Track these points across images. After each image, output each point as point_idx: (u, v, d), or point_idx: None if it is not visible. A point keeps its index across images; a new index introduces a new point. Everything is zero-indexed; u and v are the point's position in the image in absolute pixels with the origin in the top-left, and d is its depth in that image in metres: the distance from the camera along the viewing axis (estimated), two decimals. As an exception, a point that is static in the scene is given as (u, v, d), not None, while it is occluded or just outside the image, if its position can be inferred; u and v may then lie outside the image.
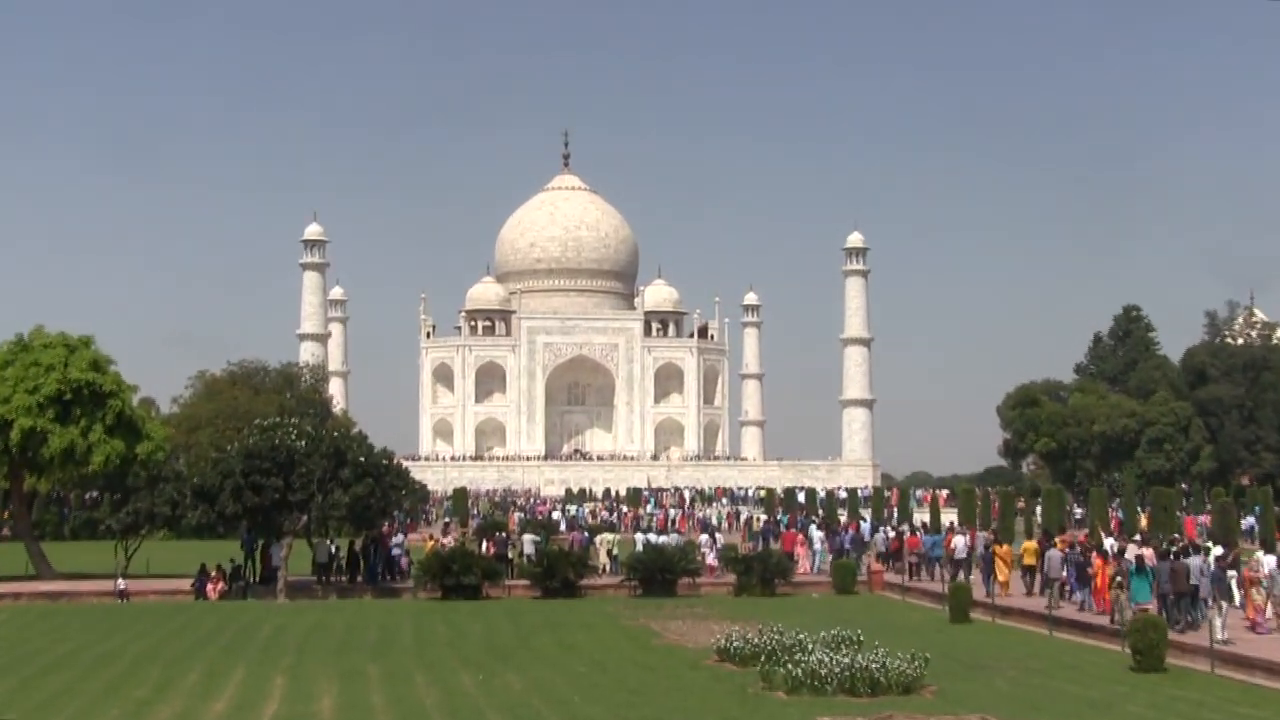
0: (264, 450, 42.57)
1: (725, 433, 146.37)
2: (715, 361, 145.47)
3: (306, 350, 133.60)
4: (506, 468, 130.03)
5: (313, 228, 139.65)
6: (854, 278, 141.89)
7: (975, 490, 76.71)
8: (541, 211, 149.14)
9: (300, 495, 42.49)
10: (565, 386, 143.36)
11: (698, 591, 43.14)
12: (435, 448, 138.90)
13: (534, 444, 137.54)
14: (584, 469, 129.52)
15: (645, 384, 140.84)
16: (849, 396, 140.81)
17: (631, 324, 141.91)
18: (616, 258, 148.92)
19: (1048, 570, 35.84)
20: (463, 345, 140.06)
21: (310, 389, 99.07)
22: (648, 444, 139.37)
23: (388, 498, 44.45)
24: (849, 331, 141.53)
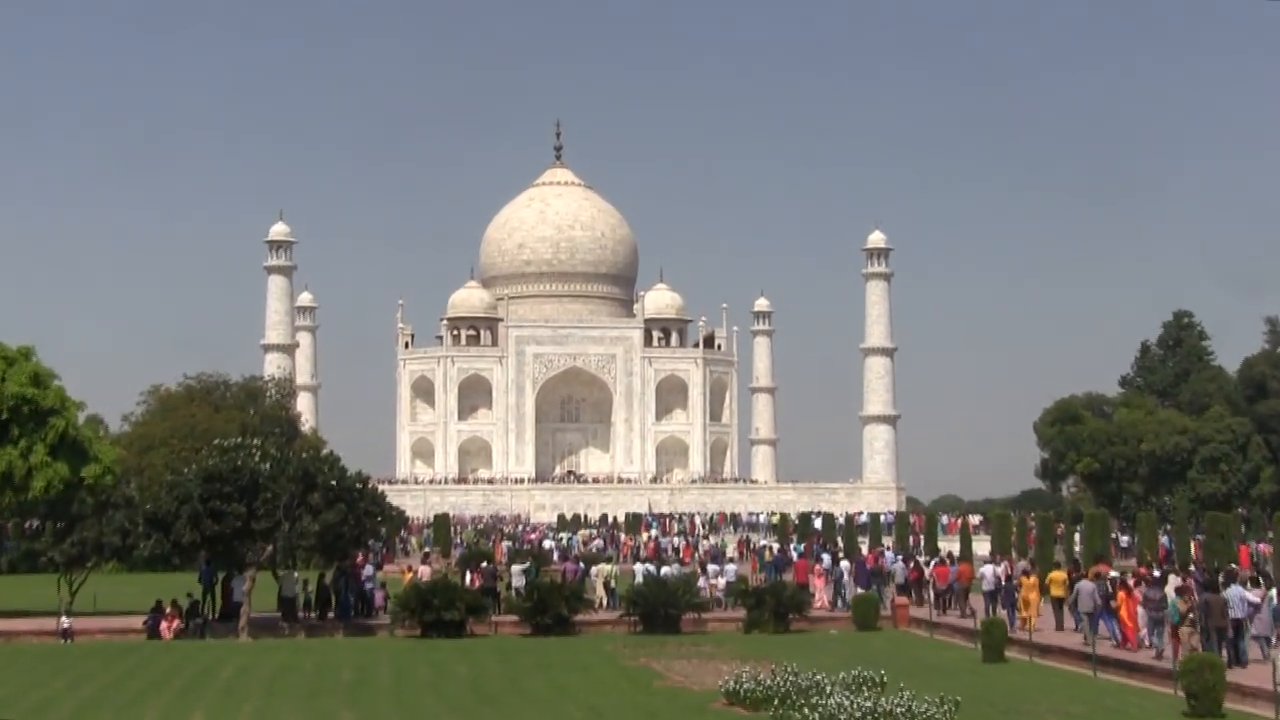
0: (225, 473, 42.48)
1: (734, 452, 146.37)
2: (723, 374, 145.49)
3: (272, 362, 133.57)
4: (493, 492, 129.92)
5: (278, 227, 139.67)
6: (875, 281, 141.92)
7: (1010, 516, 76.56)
8: (531, 209, 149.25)
9: (265, 523, 42.40)
10: (557, 402, 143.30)
11: (704, 628, 43.04)
12: (414, 470, 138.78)
13: (523, 465, 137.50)
14: (578, 493, 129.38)
15: (646, 399, 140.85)
16: (870, 412, 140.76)
17: (630, 333, 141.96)
18: (614, 260, 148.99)
19: (1078, 603, 35.77)
20: (444, 356, 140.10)
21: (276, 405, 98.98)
22: (648, 465, 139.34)
23: (362, 525, 44.35)
24: (870, 341, 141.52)
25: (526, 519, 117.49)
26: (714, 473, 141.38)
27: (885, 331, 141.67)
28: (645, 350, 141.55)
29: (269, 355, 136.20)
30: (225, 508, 42.01)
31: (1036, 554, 61.68)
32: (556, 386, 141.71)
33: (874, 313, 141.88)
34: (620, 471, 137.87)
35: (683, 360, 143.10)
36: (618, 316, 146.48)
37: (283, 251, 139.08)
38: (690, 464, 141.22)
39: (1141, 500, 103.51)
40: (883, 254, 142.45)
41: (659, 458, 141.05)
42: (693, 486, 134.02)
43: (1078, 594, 35.74)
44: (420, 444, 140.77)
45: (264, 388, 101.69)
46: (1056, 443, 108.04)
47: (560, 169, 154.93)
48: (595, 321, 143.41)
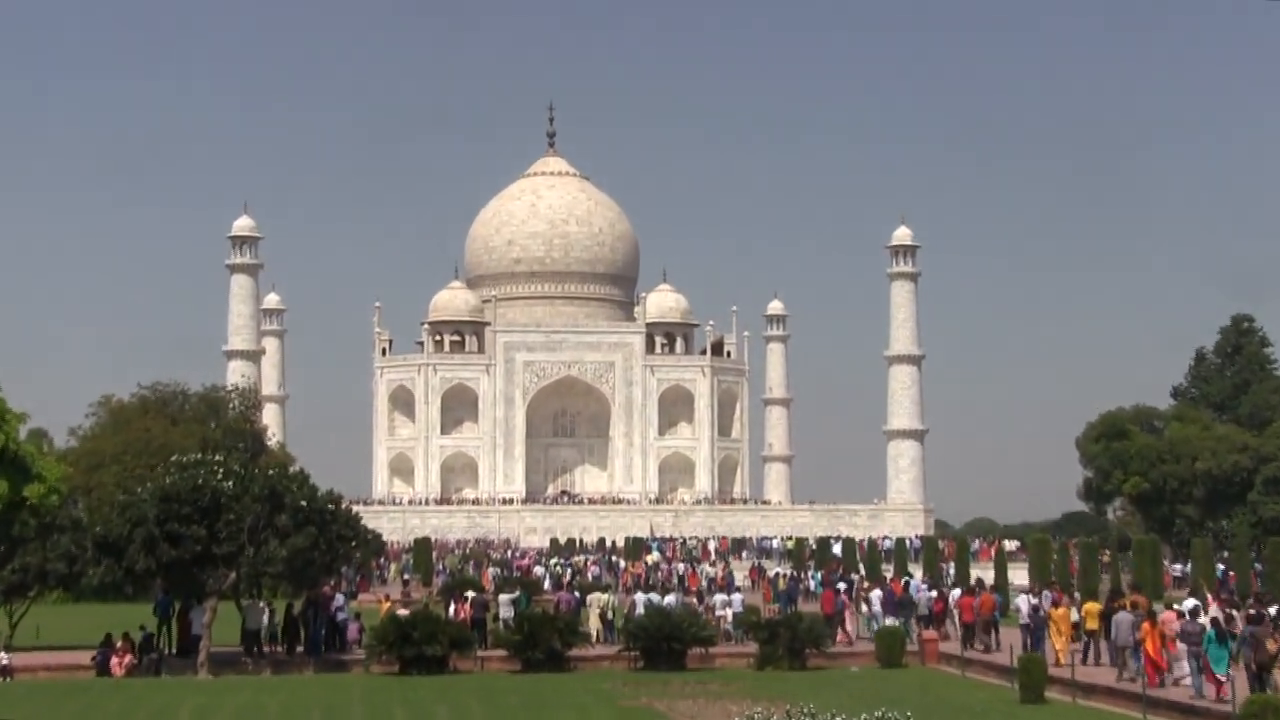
0: (183, 492, 42.44)
1: (744, 471, 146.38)
2: (732, 384, 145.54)
3: (235, 370, 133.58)
4: (479, 513, 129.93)
5: (242, 221, 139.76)
6: (901, 282, 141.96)
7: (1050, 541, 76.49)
8: (521, 202, 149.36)
9: (227, 547, 42.35)
10: (550, 415, 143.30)
11: (711, 664, 42.96)
12: (392, 489, 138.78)
13: (512, 484, 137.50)
14: (573, 515, 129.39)
15: (647, 411, 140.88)
16: (895, 426, 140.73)
17: (631, 338, 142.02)
18: (612, 258, 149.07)
19: (1115, 636, 35.63)
20: (425, 364, 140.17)
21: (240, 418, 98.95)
22: (650, 484, 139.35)
23: (334, 550, 44.30)
24: (895, 347, 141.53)
25: (516, 544, 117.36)
26: (723, 493, 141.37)
27: (912, 337, 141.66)
28: (647, 358, 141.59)
29: (232, 363, 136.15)
30: (183, 531, 41.95)
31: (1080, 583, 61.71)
32: (549, 398, 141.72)
33: (899, 316, 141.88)
34: (619, 491, 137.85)
35: (688, 369, 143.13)
36: (617, 320, 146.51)
37: (247, 248, 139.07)
38: (696, 483, 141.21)
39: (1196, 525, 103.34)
40: (909, 251, 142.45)
41: (662, 476, 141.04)
42: (699, 508, 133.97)
43: (1115, 627, 35.64)
44: (399, 461, 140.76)
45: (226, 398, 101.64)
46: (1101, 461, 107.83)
47: (553, 157, 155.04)
48: (592, 326, 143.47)
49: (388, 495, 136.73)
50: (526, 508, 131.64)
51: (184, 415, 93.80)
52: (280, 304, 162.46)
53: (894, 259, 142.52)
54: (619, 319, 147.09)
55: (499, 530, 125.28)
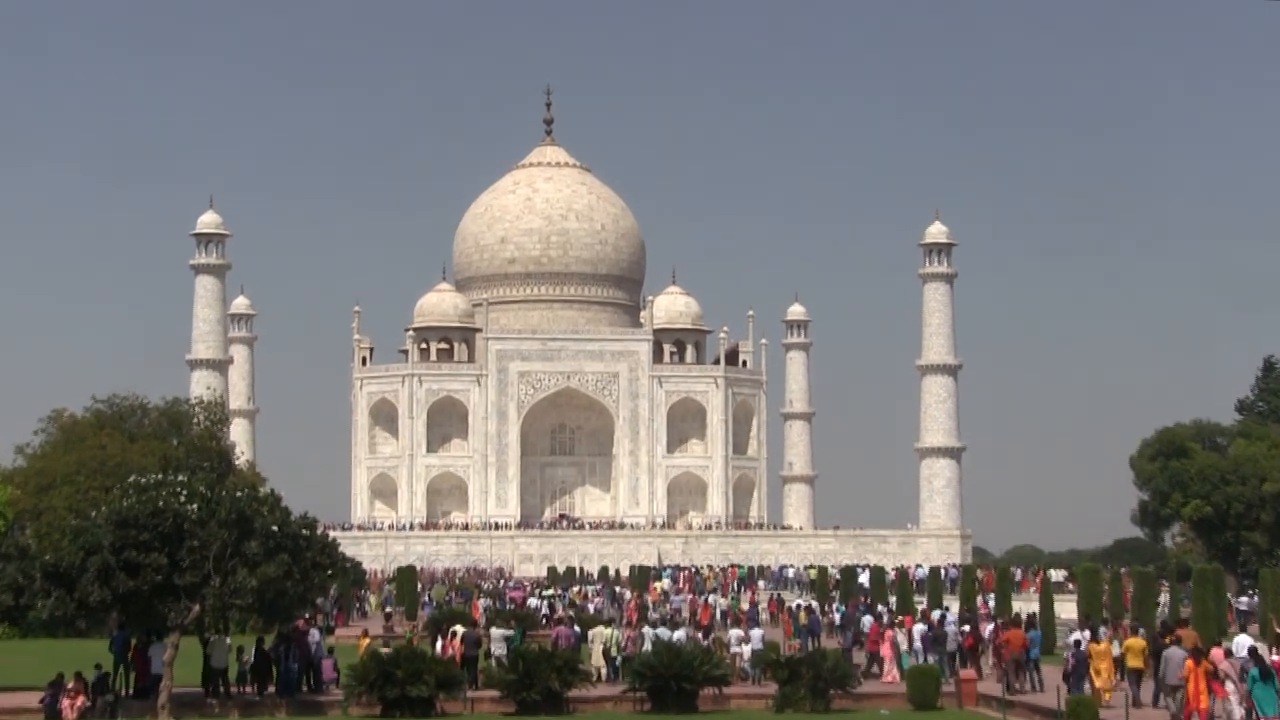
0: (142, 517, 42.38)
1: (762, 492, 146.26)
2: (749, 396, 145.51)
3: (200, 381, 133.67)
4: (469, 540, 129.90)
5: (207, 217, 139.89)
6: (935, 283, 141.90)
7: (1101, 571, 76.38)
8: (515, 196, 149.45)
9: (191, 578, 42.28)
10: (548, 430, 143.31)
11: (726, 705, 42.91)
12: (373, 513, 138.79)
13: (505, 508, 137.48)
14: (573, 541, 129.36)
15: (655, 427, 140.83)
16: (929, 443, 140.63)
17: (636, 346, 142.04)
18: (616, 257, 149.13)
19: (1164, 674, 35.52)
20: (410, 375, 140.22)
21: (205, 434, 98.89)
22: (658, 508, 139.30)
23: (309, 580, 44.22)
24: (929, 356, 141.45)
25: (510, 573, 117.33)
26: (737, 517, 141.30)
27: (947, 344, 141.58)
28: (654, 368, 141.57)
29: (196, 373, 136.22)
30: (142, 559, 41.88)
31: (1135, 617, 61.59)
32: (546, 412, 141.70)
33: (933, 322, 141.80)
34: (624, 515, 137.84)
35: (700, 379, 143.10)
36: (621, 327, 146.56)
37: (213, 247, 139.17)
38: (709, 506, 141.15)
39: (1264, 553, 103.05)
40: (944, 250, 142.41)
41: (671, 499, 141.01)
42: (712, 534, 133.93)
43: (1165, 663, 35.53)
44: (380, 481, 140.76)
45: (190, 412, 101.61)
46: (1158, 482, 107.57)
47: (550, 146, 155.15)
48: (593, 333, 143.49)
49: (368, 519, 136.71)
50: (521, 533, 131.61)
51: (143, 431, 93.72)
52: (250, 308, 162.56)
53: (927, 258, 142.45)
54: (623, 325, 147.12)
55: (491, 558, 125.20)
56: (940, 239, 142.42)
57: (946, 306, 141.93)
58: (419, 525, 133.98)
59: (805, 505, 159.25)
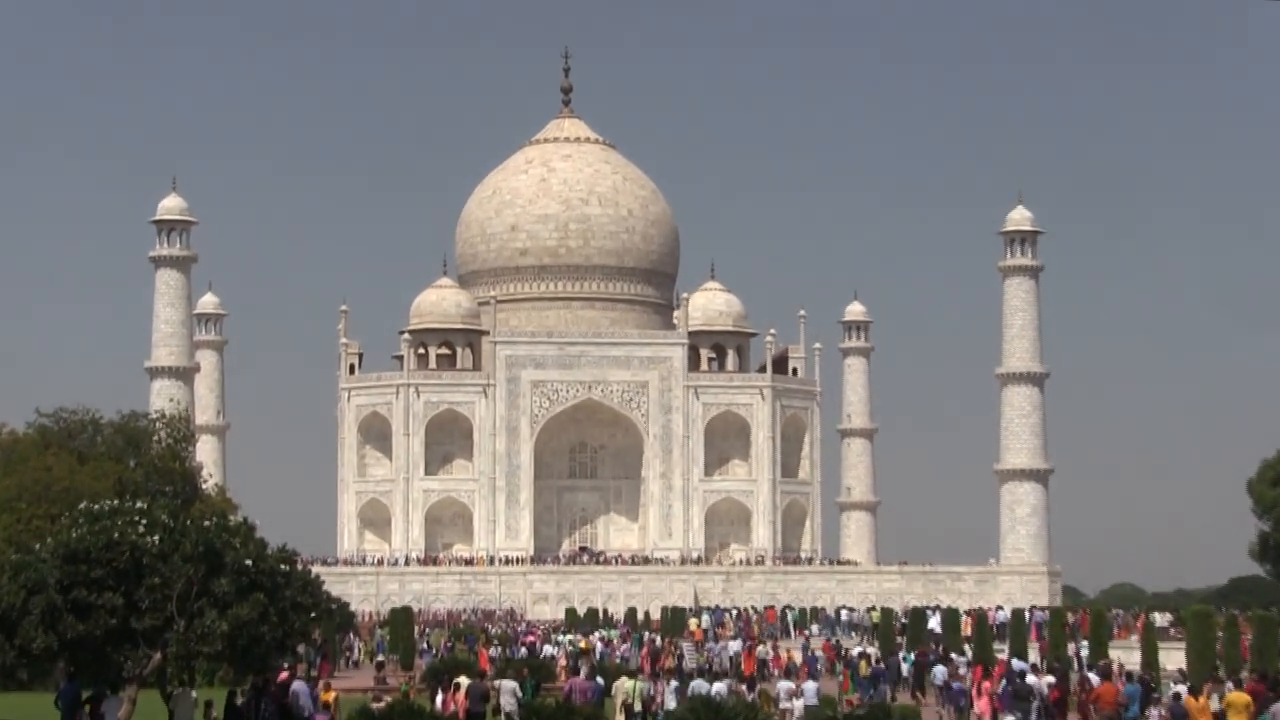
0: (94, 550, 42.34)
1: (816, 521, 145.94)
2: (800, 410, 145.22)
3: (161, 392, 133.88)
4: (474, 577, 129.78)
5: (170, 201, 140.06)
6: (1017, 278, 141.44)
7: (1214, 614, 75.97)
8: (528, 176, 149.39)
9: (151, 621, 42.24)
10: (566, 449, 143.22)
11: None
12: (363, 545, 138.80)
13: (517, 540, 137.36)
14: (595, 578, 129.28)
15: (691, 445, 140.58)
16: (1010, 465, 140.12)
17: (669, 351, 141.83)
18: (645, 248, 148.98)
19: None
20: (405, 384, 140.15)
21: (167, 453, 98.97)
22: (694, 540, 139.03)
23: (288, 623, 44.15)
24: (1010, 363, 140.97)
25: (522, 616, 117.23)
26: (787, 550, 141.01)
27: (1031, 350, 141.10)
28: (690, 376, 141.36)
29: (157, 383, 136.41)
30: (94, 599, 41.84)
31: (1254, 668, 61.07)
32: (564, 428, 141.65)
33: (1015, 323, 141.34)
34: (654, 549, 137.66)
35: (743, 390, 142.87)
36: (651, 328, 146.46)
37: (177, 236, 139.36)
38: (754, 537, 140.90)
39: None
40: (1028, 239, 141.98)
41: (709, 529, 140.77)
42: (757, 570, 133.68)
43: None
44: (371, 509, 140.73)
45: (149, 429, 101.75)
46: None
47: (569, 119, 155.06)
48: (619, 335, 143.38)
49: (357, 553, 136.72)
50: (535, 569, 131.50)
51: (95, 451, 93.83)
52: (219, 307, 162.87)
53: (1008, 248, 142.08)
54: (654, 326, 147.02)
55: (500, 598, 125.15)
56: (1024, 226, 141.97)
57: (1031, 305, 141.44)
58: (416, 560, 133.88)
59: (866, 537, 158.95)
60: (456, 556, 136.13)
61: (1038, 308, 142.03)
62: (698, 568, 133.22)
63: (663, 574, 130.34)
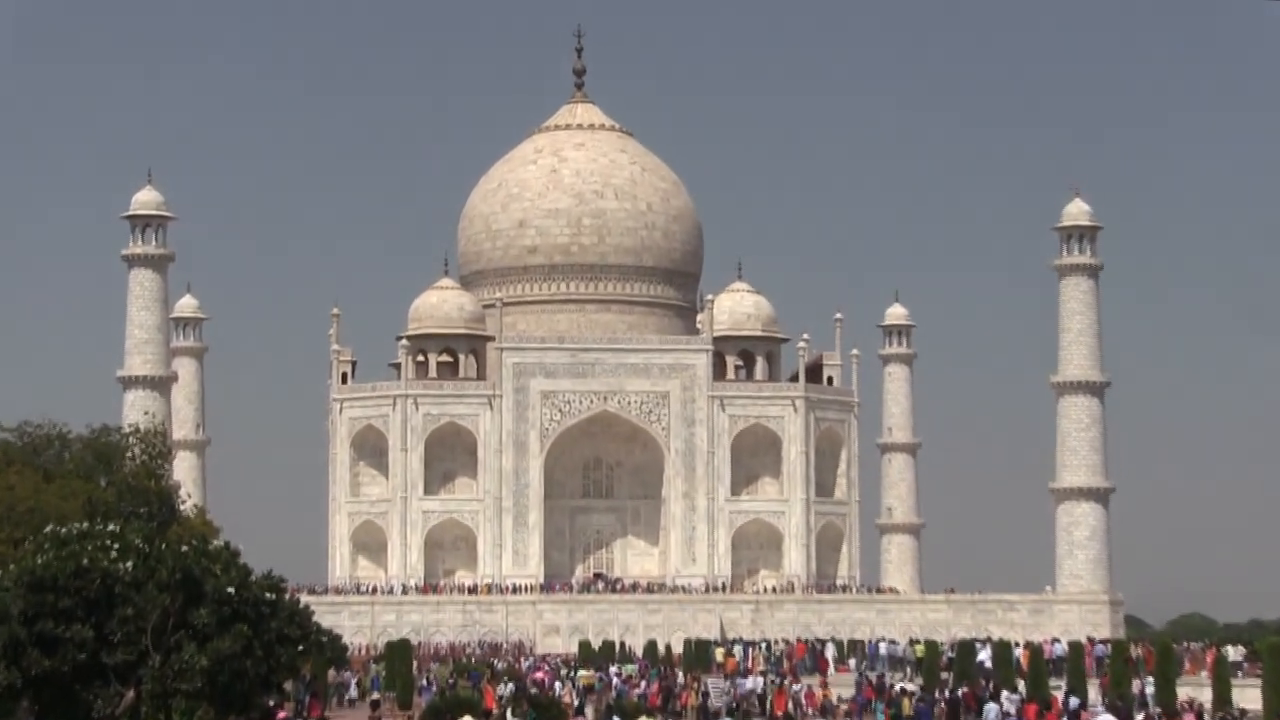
0: (61, 578, 42.37)
1: (854, 545, 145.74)
2: (836, 423, 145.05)
3: (135, 404, 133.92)
4: (479, 606, 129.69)
5: (145, 195, 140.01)
6: (1075, 278, 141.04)
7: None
8: (537, 167, 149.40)
9: (123, 655, 42.26)
10: (579, 466, 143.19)
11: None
12: (356, 572, 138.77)
13: (525, 566, 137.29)
14: (611, 608, 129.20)
15: (716, 462, 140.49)
16: (1068, 483, 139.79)
17: (692, 359, 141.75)
18: (666, 245, 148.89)
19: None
20: (403, 395, 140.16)
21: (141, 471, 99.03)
22: (719, 565, 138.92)
23: (274, 658, 44.18)
24: (1067, 370, 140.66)
25: (531, 649, 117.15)
26: (822, 577, 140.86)
27: (1090, 356, 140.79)
28: (715, 386, 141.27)
29: (130, 393, 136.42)
30: (61, 631, 41.87)
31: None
32: (577, 442, 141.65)
33: (1072, 327, 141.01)
34: (676, 576, 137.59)
35: (774, 401, 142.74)
36: (672, 333, 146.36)
37: (152, 233, 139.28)
38: (785, 563, 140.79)
39: None
40: (1086, 235, 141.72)
41: (736, 554, 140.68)
42: (789, 599, 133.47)
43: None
44: (365, 532, 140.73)
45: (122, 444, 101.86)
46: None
47: (582, 104, 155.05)
48: (637, 341, 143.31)
49: (349, 581, 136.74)
50: (545, 598, 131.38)
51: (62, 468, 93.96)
52: (198, 310, 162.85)
53: (1064, 245, 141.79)
54: (675, 331, 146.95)
55: (506, 630, 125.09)
56: (1081, 221, 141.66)
57: (1090, 307, 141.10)
58: (414, 588, 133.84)
59: (909, 562, 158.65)
60: (459, 584, 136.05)
61: (1097, 310, 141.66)
62: (724, 596, 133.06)
63: (685, 603, 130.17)
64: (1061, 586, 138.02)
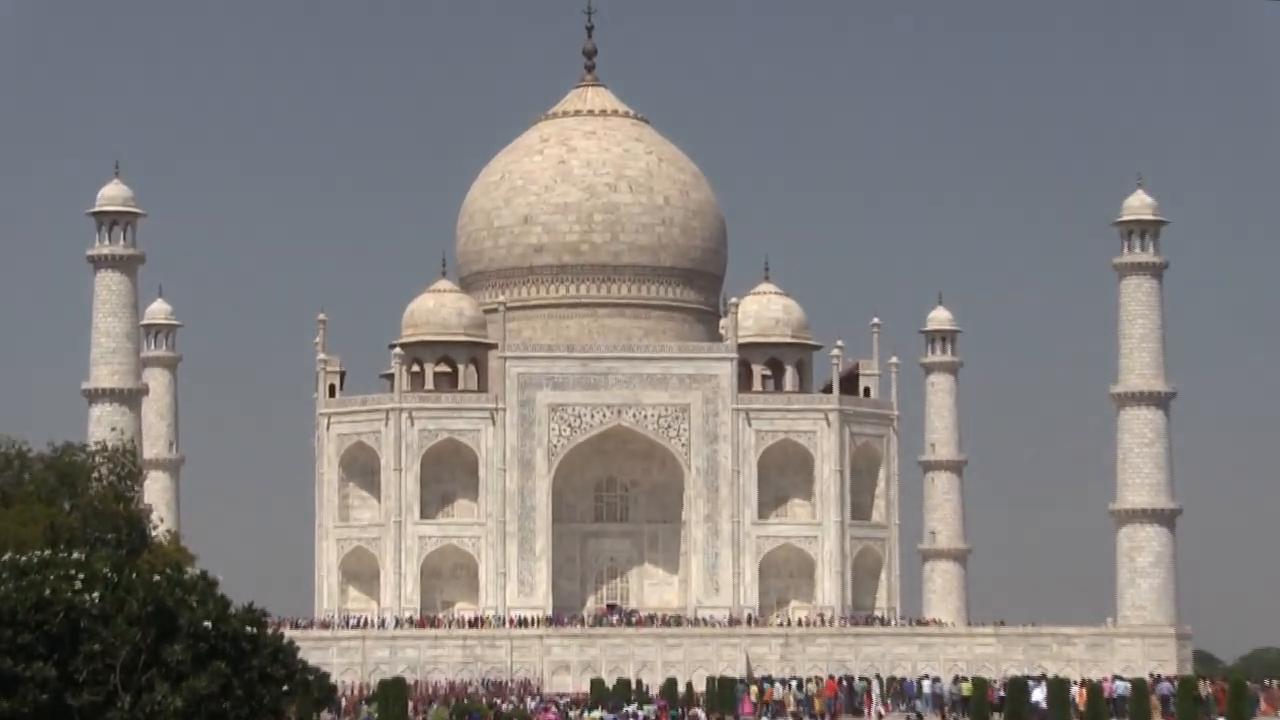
0: (21, 611, 42.44)
1: (893, 573, 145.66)
2: (874, 439, 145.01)
3: (101, 419, 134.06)
4: (481, 641, 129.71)
5: (112, 189, 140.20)
6: (1136, 279, 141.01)
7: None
8: (544, 158, 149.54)
9: (90, 695, 42.29)
10: (591, 487, 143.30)
11: None
12: (346, 604, 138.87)
13: (531, 596, 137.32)
14: (626, 643, 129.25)
15: (742, 482, 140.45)
16: (1130, 504, 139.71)
17: (715, 368, 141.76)
18: (686, 244, 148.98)
19: None
20: (397, 409, 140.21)
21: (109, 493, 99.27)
22: (746, 596, 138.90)
23: (255, 698, 44.22)
24: (1128, 380, 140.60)
25: (538, 688, 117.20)
26: (859, 608, 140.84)
27: (1154, 365, 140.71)
28: (741, 398, 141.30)
29: (96, 408, 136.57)
30: (22, 670, 41.90)
31: None
32: (589, 460, 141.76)
33: (1133, 332, 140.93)
34: (698, 607, 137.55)
35: (805, 415, 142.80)
36: (693, 340, 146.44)
37: (120, 231, 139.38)
38: (818, 593, 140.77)
39: None
40: (1149, 231, 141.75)
41: (765, 583, 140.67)
42: (822, 632, 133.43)
43: None
44: (356, 560, 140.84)
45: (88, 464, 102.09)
46: None
47: (593, 88, 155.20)
48: (654, 349, 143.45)
49: (338, 614, 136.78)
50: (554, 632, 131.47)
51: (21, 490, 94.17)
52: (171, 316, 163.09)
53: (1125, 242, 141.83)
54: (697, 338, 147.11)
55: (511, 667, 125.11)
56: (1145, 215, 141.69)
57: (1153, 310, 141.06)
58: (410, 621, 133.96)
59: (955, 592, 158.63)
60: (459, 617, 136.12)
61: (1161, 313, 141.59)
62: (750, 630, 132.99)
63: (708, 638, 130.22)
64: (1123, 618, 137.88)
